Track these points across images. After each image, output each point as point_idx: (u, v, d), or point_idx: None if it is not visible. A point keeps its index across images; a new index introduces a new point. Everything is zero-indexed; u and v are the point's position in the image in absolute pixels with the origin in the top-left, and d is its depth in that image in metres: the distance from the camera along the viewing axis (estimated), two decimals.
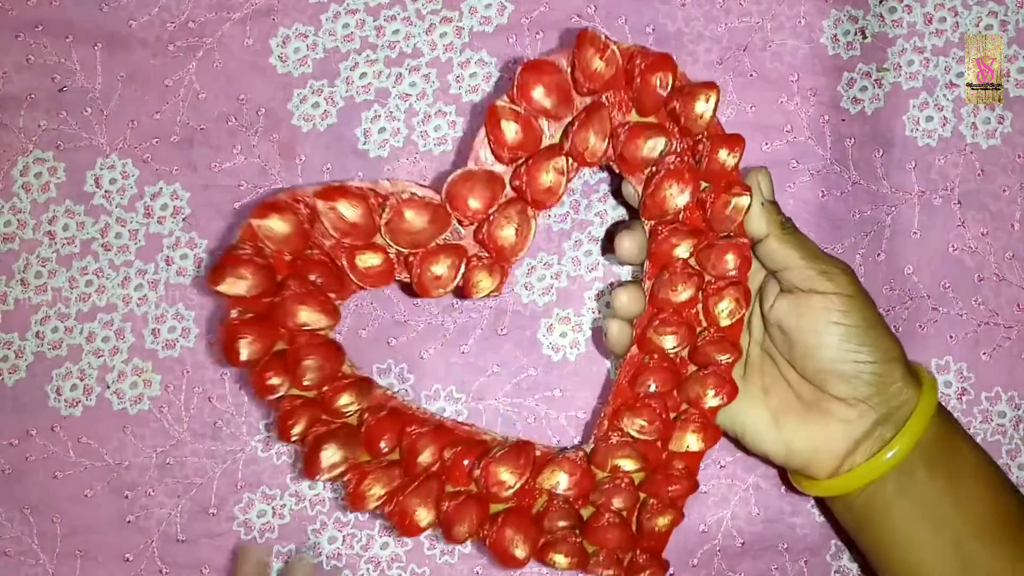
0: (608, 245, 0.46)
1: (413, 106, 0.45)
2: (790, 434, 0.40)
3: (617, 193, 0.45)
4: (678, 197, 0.38)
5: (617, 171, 0.39)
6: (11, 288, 0.45)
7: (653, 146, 0.37)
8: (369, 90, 0.45)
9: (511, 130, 0.36)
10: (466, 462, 0.38)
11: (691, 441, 0.40)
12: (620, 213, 0.46)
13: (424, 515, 0.38)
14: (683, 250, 0.39)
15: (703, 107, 0.36)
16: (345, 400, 0.38)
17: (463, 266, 0.38)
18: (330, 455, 0.37)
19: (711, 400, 0.39)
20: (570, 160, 0.37)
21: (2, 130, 0.45)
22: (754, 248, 0.39)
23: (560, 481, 0.39)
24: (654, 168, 0.38)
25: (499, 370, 0.45)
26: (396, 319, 0.45)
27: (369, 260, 0.37)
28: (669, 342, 0.39)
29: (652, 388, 0.39)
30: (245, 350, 0.36)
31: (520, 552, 0.38)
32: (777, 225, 0.38)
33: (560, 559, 0.39)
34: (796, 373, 0.40)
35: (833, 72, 0.46)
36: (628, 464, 0.39)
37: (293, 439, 0.37)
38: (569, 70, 0.37)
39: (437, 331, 0.45)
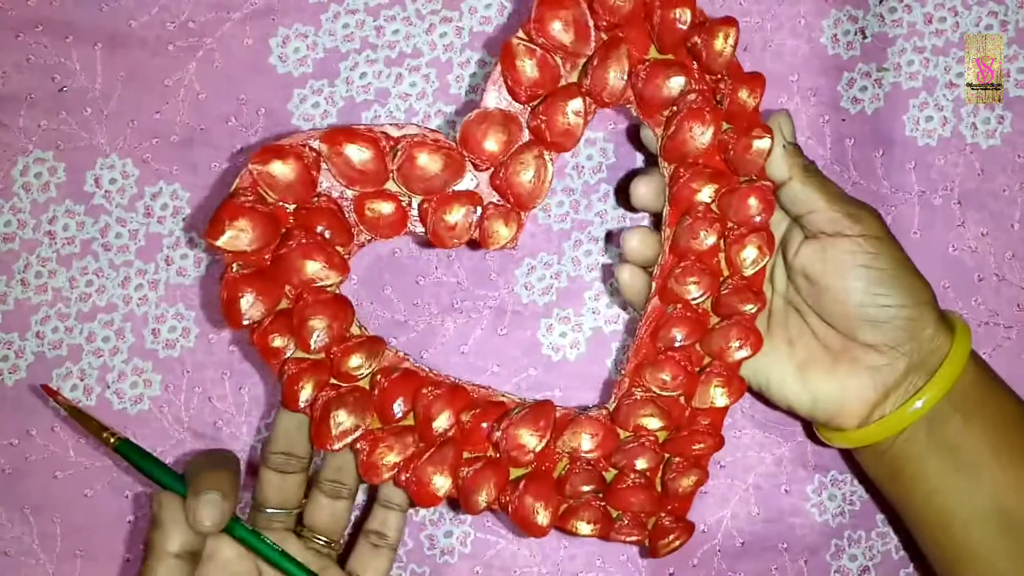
0: (623, 198, 0.45)
1: (413, 106, 0.45)
2: (817, 385, 0.39)
3: (634, 139, 0.44)
4: (700, 137, 0.36)
5: (635, 114, 0.37)
6: (11, 288, 0.45)
7: (674, 84, 0.36)
8: (369, 90, 0.45)
9: (528, 67, 0.35)
10: (484, 425, 0.37)
11: (716, 395, 0.38)
12: (620, 213, 0.45)
13: (441, 483, 0.36)
14: (705, 194, 0.37)
15: (722, 44, 0.36)
16: (355, 362, 0.36)
17: (479, 214, 0.36)
18: (341, 421, 0.35)
19: (736, 352, 0.38)
20: (588, 100, 0.36)
21: (2, 130, 0.45)
22: (777, 193, 0.38)
23: (583, 442, 0.37)
24: (674, 108, 0.37)
25: (499, 370, 0.45)
26: (396, 319, 0.45)
27: (380, 208, 0.36)
28: (693, 291, 0.37)
29: (678, 339, 0.38)
30: (247, 310, 0.34)
31: (543, 519, 0.36)
32: (800, 168, 0.37)
33: (583, 526, 0.37)
34: (822, 322, 0.39)
35: (833, 72, 0.46)
36: (652, 422, 0.38)
37: (301, 405, 0.35)
38: (586, 3, 0.35)
39: (437, 331, 0.45)
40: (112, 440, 0.36)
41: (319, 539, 0.38)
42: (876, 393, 0.38)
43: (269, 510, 0.38)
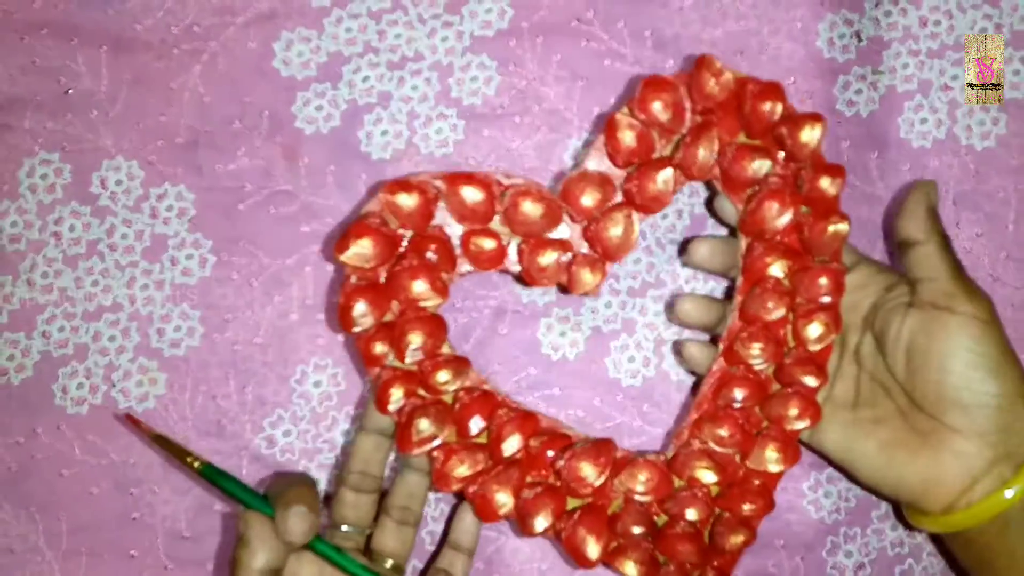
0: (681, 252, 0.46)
1: (415, 109, 0.46)
2: (902, 466, 0.39)
3: (707, 205, 0.46)
4: (779, 217, 0.39)
5: (720, 188, 0.40)
6: (18, 288, 0.45)
7: (759, 167, 0.39)
8: (371, 93, 0.46)
9: (628, 138, 0.39)
10: (550, 453, 0.39)
11: (771, 460, 0.40)
12: None
13: (504, 500, 0.39)
14: (777, 269, 0.40)
15: (808, 135, 0.39)
16: (443, 377, 0.39)
17: (569, 260, 0.40)
18: (423, 429, 0.38)
19: (794, 423, 0.40)
20: (677, 172, 0.39)
21: (8, 132, 0.46)
22: (905, 252, 0.39)
23: (639, 483, 0.40)
24: (757, 187, 0.40)
25: (499, 369, 0.46)
26: None
27: (483, 244, 0.39)
28: (756, 355, 0.40)
29: (738, 399, 0.40)
30: (359, 317, 0.38)
31: (593, 552, 0.39)
32: (939, 234, 0.38)
33: (630, 566, 0.39)
34: (911, 403, 0.39)
35: (829, 75, 0.46)
36: (706, 475, 0.40)
37: (390, 409, 0.39)
38: (685, 89, 0.39)
39: None
40: (196, 464, 0.38)
41: (386, 563, 0.40)
42: (962, 480, 0.37)
43: (345, 528, 0.40)
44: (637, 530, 0.40)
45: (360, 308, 0.38)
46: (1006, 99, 0.47)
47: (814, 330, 0.40)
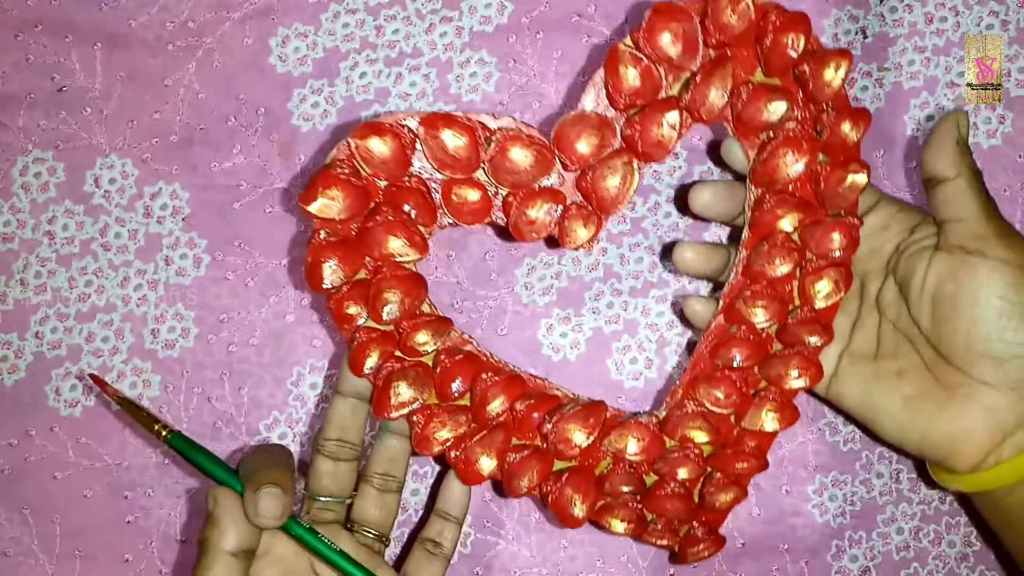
0: (681, 203, 0.44)
1: (413, 105, 0.45)
2: (926, 422, 0.36)
3: (711, 151, 0.44)
4: (792, 166, 0.36)
5: (731, 132, 0.37)
6: (11, 288, 0.45)
7: (775, 109, 0.36)
8: (369, 90, 0.45)
9: (631, 75, 0.35)
10: (536, 415, 0.38)
11: (767, 420, 0.38)
12: (621, 213, 0.45)
13: (487, 464, 0.37)
14: (788, 223, 0.37)
15: (832, 74, 0.35)
16: (422, 338, 0.37)
17: (560, 213, 0.37)
18: (401, 392, 0.36)
19: (793, 381, 0.38)
20: (685, 115, 0.36)
21: (1, 130, 0.45)
22: (932, 190, 0.36)
23: (629, 445, 0.38)
24: (771, 133, 0.37)
25: None
26: None
27: (466, 195, 0.36)
28: (759, 315, 0.38)
29: (737, 360, 0.38)
30: (329, 275, 0.36)
31: (579, 511, 0.37)
32: (969, 169, 0.35)
33: (617, 523, 0.38)
34: (937, 354, 0.36)
35: None
36: (699, 436, 0.38)
37: (365, 372, 0.37)
38: (699, 19, 0.35)
39: None
40: (164, 433, 0.36)
41: (369, 532, 0.38)
42: (991, 436, 0.35)
43: (322, 498, 0.38)
44: (625, 489, 0.38)
45: (330, 266, 0.35)
46: (1013, 97, 0.46)
47: (823, 287, 0.37)
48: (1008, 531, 0.37)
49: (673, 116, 0.35)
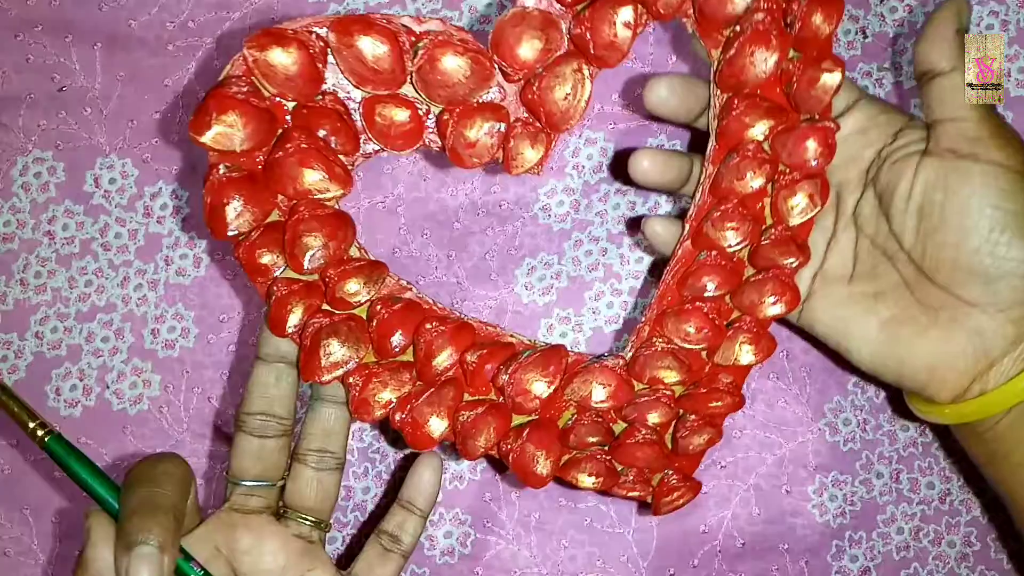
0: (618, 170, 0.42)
1: None
2: (905, 348, 0.33)
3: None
4: (762, 64, 0.32)
5: (692, 30, 0.33)
6: (10, 288, 0.45)
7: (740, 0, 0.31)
8: None
9: None
10: (489, 367, 0.33)
11: (742, 353, 0.35)
12: (621, 213, 0.45)
13: (438, 425, 0.33)
14: (759, 131, 0.33)
15: None
16: (353, 287, 0.32)
17: (503, 132, 0.32)
18: (332, 352, 0.32)
19: (769, 308, 0.34)
20: (640, 10, 0.31)
21: (1, 130, 0.45)
22: (926, 86, 0.33)
23: (594, 392, 0.34)
24: (737, 28, 0.32)
25: None
26: None
27: (393, 114, 0.31)
28: (730, 237, 0.34)
29: (708, 289, 0.34)
30: (233, 219, 0.30)
31: (543, 469, 0.34)
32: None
33: (585, 479, 0.35)
34: (920, 272, 0.33)
35: None
36: (670, 375, 0.35)
37: (288, 331, 0.32)
38: None
39: None
40: (40, 434, 0.30)
41: (305, 520, 0.34)
42: (976, 363, 0.32)
43: (247, 483, 0.33)
44: (592, 440, 0.35)
45: (234, 208, 0.30)
46: (1013, 97, 0.46)
47: (798, 201, 0.33)
48: (991, 466, 0.34)
49: (627, 13, 0.30)
